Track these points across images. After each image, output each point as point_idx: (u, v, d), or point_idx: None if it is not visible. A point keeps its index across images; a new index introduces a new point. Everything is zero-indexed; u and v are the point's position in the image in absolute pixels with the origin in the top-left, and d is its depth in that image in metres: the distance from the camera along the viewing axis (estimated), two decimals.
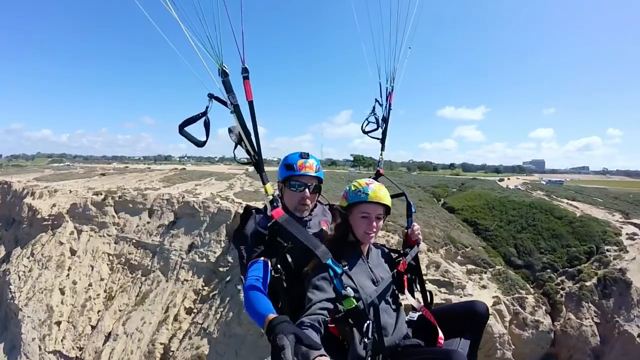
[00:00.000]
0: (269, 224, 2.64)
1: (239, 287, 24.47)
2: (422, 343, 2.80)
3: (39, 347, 27.94)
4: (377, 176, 3.78)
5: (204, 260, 28.01)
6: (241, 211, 3.02)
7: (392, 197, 3.28)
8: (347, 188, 2.86)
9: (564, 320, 25.96)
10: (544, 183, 62.74)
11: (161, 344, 25.04)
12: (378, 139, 3.95)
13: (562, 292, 27.66)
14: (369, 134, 3.94)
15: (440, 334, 2.76)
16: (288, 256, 2.62)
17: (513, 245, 31.95)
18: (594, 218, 33.88)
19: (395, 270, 2.94)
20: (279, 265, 2.65)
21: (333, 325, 2.51)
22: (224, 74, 2.29)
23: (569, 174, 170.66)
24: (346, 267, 2.50)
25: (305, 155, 3.00)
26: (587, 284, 27.27)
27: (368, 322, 2.40)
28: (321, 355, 1.87)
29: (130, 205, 35.04)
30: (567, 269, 29.18)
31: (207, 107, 2.38)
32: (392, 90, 3.89)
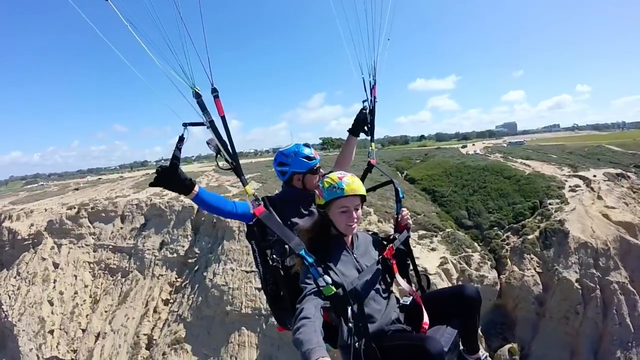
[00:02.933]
0: (253, 221, 3.11)
1: (205, 274, 29.52)
2: (409, 328, 2.98)
3: (37, 356, 32.90)
4: (369, 167, 4.17)
5: (175, 255, 33.00)
6: None
7: (380, 185, 3.91)
8: (321, 186, 3.03)
9: (508, 273, 30.51)
10: (505, 145, 67.82)
11: (145, 334, 30.06)
12: (365, 132, 4.26)
13: (507, 247, 32.23)
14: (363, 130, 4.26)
15: (425, 319, 2.92)
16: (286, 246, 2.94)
17: (465, 208, 36.78)
18: (541, 174, 38.67)
19: (380, 257, 3.10)
20: (274, 256, 3.07)
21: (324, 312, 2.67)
22: (197, 96, 2.69)
23: (540, 133, 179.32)
24: (330, 263, 2.83)
25: (309, 146, 3.73)
26: (530, 237, 31.86)
27: (349, 308, 2.58)
28: (322, 357, 2.01)
29: (103, 214, 39.89)
30: (512, 225, 33.94)
31: (183, 136, 2.71)
32: (374, 83, 4.17)
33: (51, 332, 33.47)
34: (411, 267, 3.59)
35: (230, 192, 37.67)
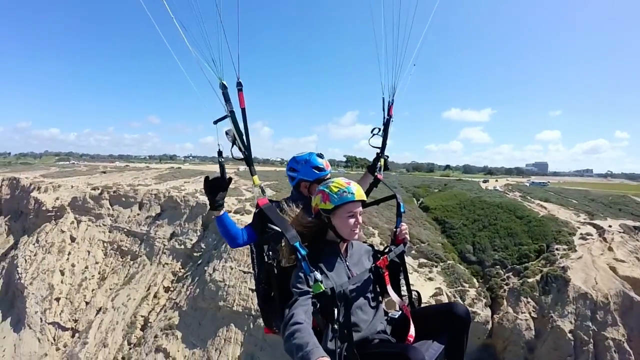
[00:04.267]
0: (256, 211, 3.27)
1: (206, 268, 31.54)
2: (393, 340, 3.02)
3: (41, 319, 35.87)
4: (375, 181, 4.28)
5: (182, 247, 35.37)
6: None
7: (384, 199, 4.01)
8: (327, 190, 3.06)
9: (502, 314, 30.39)
10: (527, 184, 67.71)
11: (142, 316, 32.34)
12: (377, 147, 4.41)
13: (505, 287, 32.13)
14: (374, 146, 4.44)
15: (411, 332, 2.96)
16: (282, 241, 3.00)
17: (471, 242, 37.21)
18: (554, 218, 38.68)
19: (373, 266, 3.13)
20: (270, 253, 3.17)
21: None
22: (223, 87, 3.01)
23: (571, 176, 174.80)
24: (322, 266, 2.91)
25: (322, 156, 3.92)
26: (530, 280, 31.69)
27: (335, 310, 2.63)
28: (322, 357, 2.06)
29: (123, 199, 43.14)
30: (515, 265, 34.11)
31: (220, 150, 3.02)
32: (392, 102, 4.35)
33: (57, 299, 36.41)
34: (404, 283, 3.59)
35: (244, 195, 39.97)
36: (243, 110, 3.08)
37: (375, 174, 4.30)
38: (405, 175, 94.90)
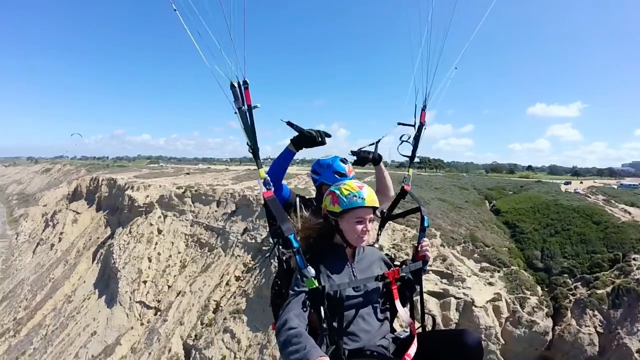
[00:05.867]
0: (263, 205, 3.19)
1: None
2: (391, 357, 2.92)
3: (130, 298, 41.78)
4: (402, 192, 4.04)
5: (253, 241, 39.30)
6: None
7: (409, 212, 3.92)
8: (337, 192, 2.98)
9: (564, 326, 29.01)
10: (615, 187, 62.24)
11: (214, 300, 36.54)
12: (407, 156, 4.21)
13: (571, 297, 30.46)
14: (402, 154, 4.24)
15: (409, 351, 2.77)
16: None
17: (540, 248, 35.80)
18: (636, 224, 35.61)
19: (379, 275, 2.96)
20: (281, 247, 3.06)
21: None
22: (232, 87, 3.07)
23: None
24: (323, 267, 2.84)
25: (346, 161, 3.98)
26: (599, 291, 29.76)
27: (321, 307, 2.56)
28: (321, 357, 2.05)
29: (203, 197, 48.70)
30: (585, 275, 31.97)
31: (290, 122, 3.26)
32: (424, 108, 4.20)
33: (144, 282, 42.23)
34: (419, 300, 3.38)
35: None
36: (249, 107, 3.13)
37: (403, 184, 4.03)
38: (481, 176, 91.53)
